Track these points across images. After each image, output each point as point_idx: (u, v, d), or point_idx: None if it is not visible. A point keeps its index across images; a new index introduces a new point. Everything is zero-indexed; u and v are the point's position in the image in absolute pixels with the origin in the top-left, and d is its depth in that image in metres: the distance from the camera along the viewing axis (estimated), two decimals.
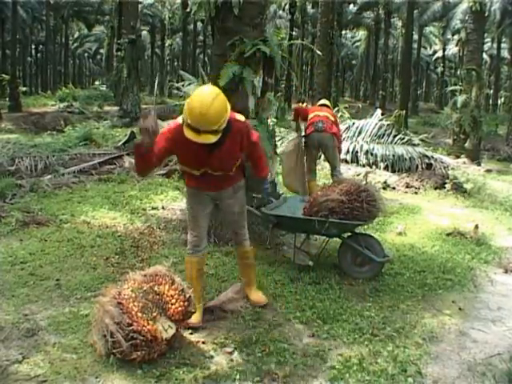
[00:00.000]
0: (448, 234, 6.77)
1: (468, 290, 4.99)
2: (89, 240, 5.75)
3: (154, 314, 3.36)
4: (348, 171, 8.73)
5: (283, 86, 28.58)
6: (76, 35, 54.53)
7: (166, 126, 3.87)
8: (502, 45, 37.99)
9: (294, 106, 7.89)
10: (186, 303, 3.51)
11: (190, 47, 44.06)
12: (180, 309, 3.46)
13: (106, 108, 23.47)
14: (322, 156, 8.79)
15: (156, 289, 3.47)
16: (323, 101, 8.59)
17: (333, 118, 7.96)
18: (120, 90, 19.39)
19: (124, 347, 3.22)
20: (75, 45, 55.68)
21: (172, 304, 3.45)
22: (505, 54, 39.18)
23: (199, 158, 3.72)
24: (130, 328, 3.25)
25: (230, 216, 4.14)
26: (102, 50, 52.01)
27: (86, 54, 64.21)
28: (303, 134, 7.90)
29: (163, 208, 7.31)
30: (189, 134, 3.49)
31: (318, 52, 13.71)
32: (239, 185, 4.10)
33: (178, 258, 5.15)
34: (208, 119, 3.43)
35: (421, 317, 4.27)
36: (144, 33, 41.47)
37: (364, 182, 5.40)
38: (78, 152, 10.37)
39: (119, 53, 18.91)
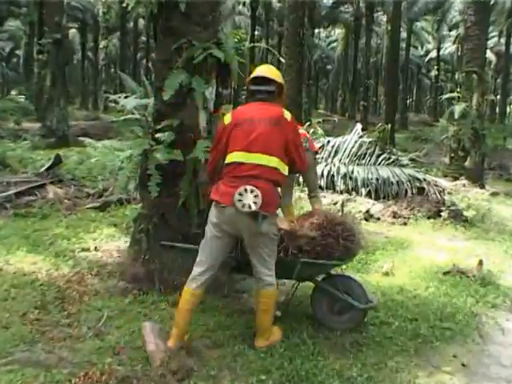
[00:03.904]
0: (445, 273, 6.86)
1: (473, 341, 5.04)
2: (0, 291, 5.65)
3: None
4: (322, 200, 8.80)
5: (244, 97, 28.84)
6: None
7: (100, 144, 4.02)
8: None
9: None
10: None
11: (129, 50, 44.11)
12: None
13: (26, 124, 23.21)
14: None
15: None
16: None
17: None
18: (43, 102, 19.20)
19: None
20: None
21: None
22: None
23: None
24: None
25: None
26: (18, 52, 51.54)
27: None
28: None
29: (96, 249, 7.23)
30: None
31: (282, 59, 13.87)
32: None
33: (113, 311, 5.13)
34: None
35: (414, 376, 4.29)
36: (72, 31, 41.42)
37: (340, 213, 5.49)
38: None
39: (41, 56, 18.81)
